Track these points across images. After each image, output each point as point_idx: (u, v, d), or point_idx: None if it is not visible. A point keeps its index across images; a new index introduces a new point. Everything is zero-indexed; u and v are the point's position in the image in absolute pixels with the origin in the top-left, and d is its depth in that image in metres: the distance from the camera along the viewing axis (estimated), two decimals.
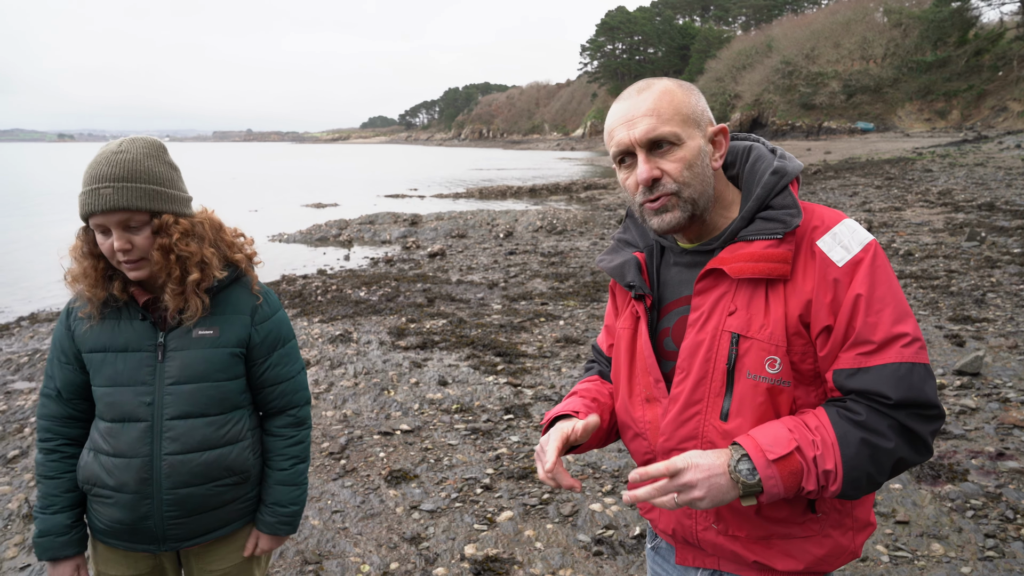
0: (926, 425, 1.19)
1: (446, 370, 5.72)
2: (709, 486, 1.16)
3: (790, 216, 1.25)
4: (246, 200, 25.43)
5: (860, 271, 1.21)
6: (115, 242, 1.59)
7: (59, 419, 1.74)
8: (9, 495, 3.82)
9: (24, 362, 6.24)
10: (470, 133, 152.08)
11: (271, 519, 1.85)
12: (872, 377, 1.18)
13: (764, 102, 66.39)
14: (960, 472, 3.69)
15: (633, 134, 1.27)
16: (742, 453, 1.17)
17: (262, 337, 1.79)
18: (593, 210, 19.02)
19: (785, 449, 1.16)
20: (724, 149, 1.32)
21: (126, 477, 1.66)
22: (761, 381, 1.24)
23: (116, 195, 1.56)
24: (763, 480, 1.15)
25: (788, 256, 1.23)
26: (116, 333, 1.68)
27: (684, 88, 1.30)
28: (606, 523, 3.44)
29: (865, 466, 1.17)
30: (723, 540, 1.33)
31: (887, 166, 25.68)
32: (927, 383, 1.18)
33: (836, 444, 1.17)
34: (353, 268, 11.85)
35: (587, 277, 9.85)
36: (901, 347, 1.18)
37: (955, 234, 11.51)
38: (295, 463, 1.87)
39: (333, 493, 3.82)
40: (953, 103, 55.77)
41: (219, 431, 1.73)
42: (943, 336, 6.13)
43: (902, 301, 1.21)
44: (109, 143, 1.65)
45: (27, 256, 14.53)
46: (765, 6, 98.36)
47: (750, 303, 1.25)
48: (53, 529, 1.73)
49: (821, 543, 1.30)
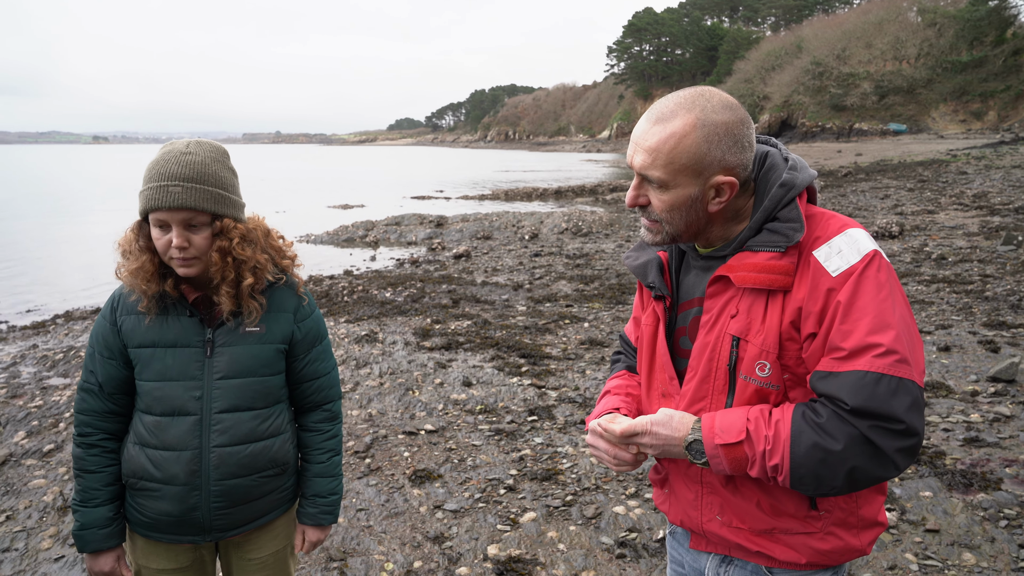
0: (890, 440, 1.16)
1: (470, 371, 5.74)
2: (662, 451, 1.33)
3: (792, 230, 1.28)
4: (274, 201, 25.79)
5: (850, 280, 1.22)
6: (174, 239, 1.63)
7: (100, 414, 1.77)
8: (45, 488, 3.92)
9: (59, 359, 6.40)
10: (496, 135, 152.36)
11: (314, 510, 1.92)
12: (836, 382, 1.20)
13: (793, 103, 65.59)
14: (993, 481, 3.61)
15: (633, 159, 1.34)
16: (697, 436, 1.29)
17: (304, 334, 1.86)
18: (619, 212, 18.95)
19: (734, 438, 1.25)
20: (729, 196, 1.31)
21: (176, 469, 1.70)
22: (751, 383, 1.30)
23: (184, 194, 1.61)
24: (709, 459, 1.27)
25: (790, 269, 1.27)
26: (165, 329, 1.72)
27: (704, 131, 1.25)
28: (629, 526, 3.42)
29: (813, 467, 1.20)
30: (726, 531, 1.40)
31: (920, 168, 25.23)
32: (896, 396, 1.16)
33: (788, 442, 1.21)
34: (379, 269, 11.95)
35: (612, 279, 9.82)
36: (873, 356, 1.18)
37: (990, 238, 11.26)
38: (332, 456, 1.95)
39: (358, 491, 3.86)
40: (989, 104, 54.62)
41: (264, 424, 1.79)
42: (977, 341, 6.00)
43: (886, 312, 1.20)
44: (175, 143, 1.69)
45: (62, 255, 14.89)
46: (795, 6, 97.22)
47: (751, 309, 1.30)
48: (95, 522, 1.76)
49: (824, 539, 1.33)
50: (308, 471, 1.93)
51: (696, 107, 1.27)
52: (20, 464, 4.24)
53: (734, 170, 1.30)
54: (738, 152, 1.29)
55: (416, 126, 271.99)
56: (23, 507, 3.71)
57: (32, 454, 4.37)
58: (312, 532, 1.95)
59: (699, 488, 1.42)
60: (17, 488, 3.93)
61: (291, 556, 2.00)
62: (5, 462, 4.27)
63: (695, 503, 1.44)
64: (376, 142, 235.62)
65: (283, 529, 1.94)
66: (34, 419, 4.90)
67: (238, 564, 1.91)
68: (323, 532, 1.97)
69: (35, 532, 3.48)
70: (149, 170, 1.65)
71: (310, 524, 1.94)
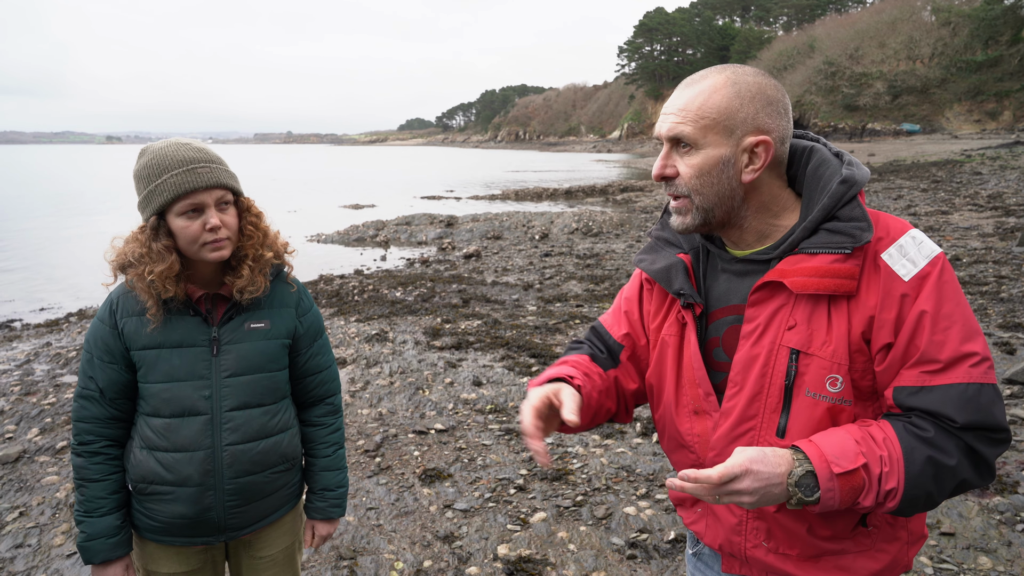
0: (992, 448, 1.12)
1: (480, 371, 5.73)
2: (763, 495, 1.10)
3: (860, 230, 1.17)
4: (285, 201, 25.90)
5: (927, 286, 1.14)
6: (210, 220, 1.62)
7: (102, 420, 1.72)
8: (57, 484, 3.95)
9: (72, 356, 6.44)
10: (506, 135, 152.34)
11: (323, 504, 1.93)
12: (937, 397, 1.11)
13: (805, 103, 65.19)
14: (1010, 484, 3.57)
15: (661, 127, 1.25)
16: (807, 467, 1.10)
17: (305, 328, 1.87)
18: (629, 212, 18.90)
19: (852, 464, 1.09)
20: (764, 161, 1.21)
21: (190, 470, 1.68)
22: (822, 400, 1.18)
23: (213, 173, 1.63)
24: (823, 493, 1.09)
25: (855, 272, 1.16)
26: (169, 329, 1.69)
27: (736, 87, 1.20)
28: (640, 527, 3.41)
29: (927, 485, 1.11)
30: (772, 559, 1.29)
31: (934, 169, 25.01)
32: (995, 404, 1.12)
33: (902, 460, 1.11)
34: (389, 268, 11.96)
35: (623, 280, 9.79)
36: (969, 367, 1.11)
37: (1006, 238, 11.15)
38: (336, 449, 1.96)
39: (368, 490, 3.86)
40: (1005, 104, 54.07)
41: (273, 420, 1.79)
42: (992, 344, 5.94)
43: (970, 318, 1.14)
44: (161, 141, 1.70)
45: (75, 254, 15.01)
46: (807, 6, 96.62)
47: (811, 318, 1.19)
48: (103, 532, 1.72)
49: (875, 557, 1.25)
50: (314, 465, 1.93)
51: (727, 69, 1.23)
52: (33, 461, 4.27)
53: (769, 132, 1.20)
54: (773, 115, 1.20)
55: (427, 126, 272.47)
56: (36, 503, 3.74)
57: (45, 451, 4.40)
58: (322, 526, 1.96)
59: (743, 512, 1.31)
60: (30, 484, 3.96)
61: (299, 552, 2.00)
62: (19, 458, 4.30)
63: (739, 528, 1.32)
64: (387, 142, 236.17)
65: (291, 525, 1.94)
66: (47, 416, 4.93)
67: (248, 563, 1.90)
68: (332, 525, 1.98)
69: (47, 528, 3.50)
70: (159, 164, 1.62)
71: (320, 518, 1.94)
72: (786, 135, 1.24)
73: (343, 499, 1.97)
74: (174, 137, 1.71)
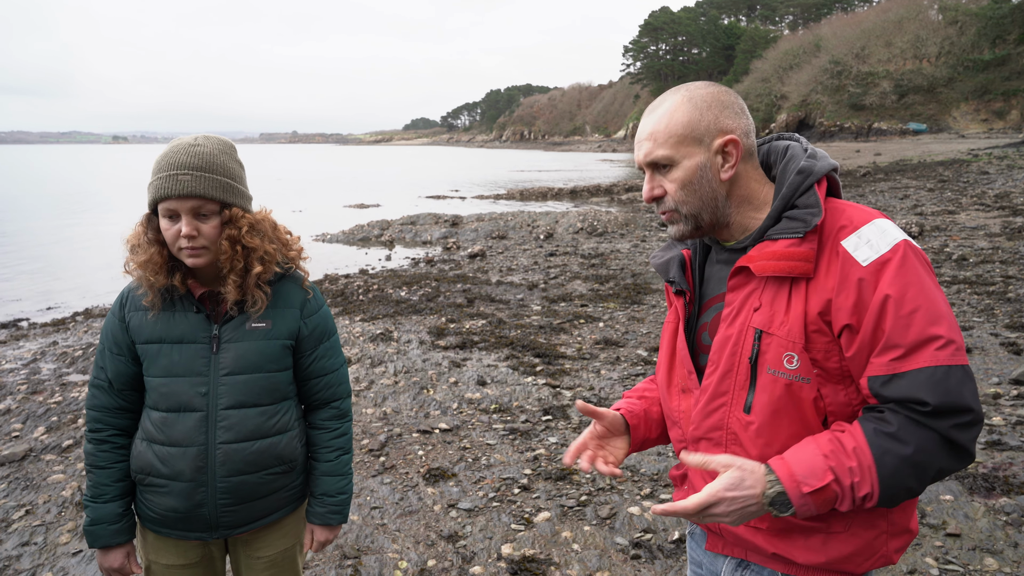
0: (966, 432, 1.15)
1: (485, 370, 5.73)
2: (740, 515, 1.21)
3: (811, 215, 1.26)
4: (291, 200, 25.96)
5: (887, 271, 1.18)
6: (183, 227, 1.63)
7: (110, 409, 1.78)
8: (63, 483, 3.96)
9: (79, 355, 6.47)
10: (511, 135, 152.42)
11: (322, 509, 1.90)
12: (907, 383, 1.15)
13: (811, 103, 65.01)
14: (1016, 485, 3.55)
15: (639, 155, 1.36)
16: (778, 488, 1.18)
17: (310, 330, 1.85)
18: (634, 212, 18.88)
19: (820, 482, 1.16)
20: (736, 157, 1.32)
21: (182, 465, 1.70)
22: (780, 377, 1.25)
23: (193, 182, 1.63)
24: (796, 509, 1.18)
25: (810, 255, 1.24)
26: (171, 325, 1.72)
27: (692, 102, 1.32)
28: (644, 526, 3.40)
29: (905, 482, 1.16)
30: (743, 531, 1.35)
31: (940, 168, 24.91)
32: (965, 386, 1.14)
33: (873, 467, 1.16)
34: (394, 268, 11.98)
35: (628, 279, 9.77)
36: (935, 349, 1.15)
37: (1013, 238, 11.10)
38: (340, 454, 1.93)
39: (372, 489, 3.86)
40: (1012, 103, 53.82)
41: (270, 420, 1.78)
42: (999, 344, 5.91)
43: (936, 301, 1.18)
44: (183, 138, 1.70)
45: (81, 253, 15.07)
46: (813, 5, 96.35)
47: (774, 300, 1.27)
48: (105, 518, 1.77)
49: (847, 541, 1.28)
50: (316, 469, 1.91)
51: (680, 89, 1.36)
52: (40, 459, 4.29)
53: (733, 131, 1.32)
54: (731, 116, 1.32)
55: (432, 126, 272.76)
56: (42, 502, 3.76)
57: (51, 449, 4.42)
58: (320, 532, 1.93)
59: None
60: (37, 483, 3.98)
61: (300, 555, 1.98)
62: (25, 457, 4.32)
63: None
64: (392, 142, 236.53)
65: (292, 527, 1.93)
66: (53, 415, 4.96)
67: (246, 562, 1.90)
68: (332, 532, 1.94)
69: (54, 527, 3.52)
70: (158, 162, 1.67)
71: (318, 524, 1.91)
72: (748, 129, 1.35)
73: (344, 506, 1.94)
74: (202, 134, 1.73)
